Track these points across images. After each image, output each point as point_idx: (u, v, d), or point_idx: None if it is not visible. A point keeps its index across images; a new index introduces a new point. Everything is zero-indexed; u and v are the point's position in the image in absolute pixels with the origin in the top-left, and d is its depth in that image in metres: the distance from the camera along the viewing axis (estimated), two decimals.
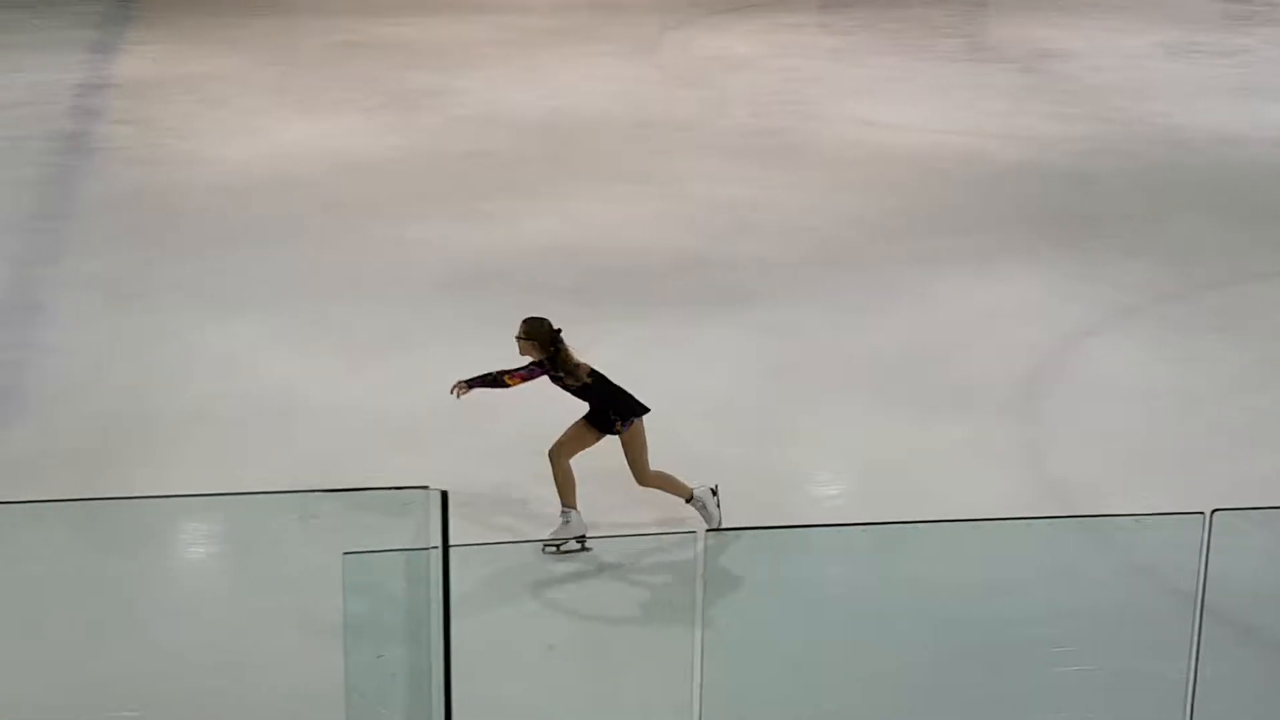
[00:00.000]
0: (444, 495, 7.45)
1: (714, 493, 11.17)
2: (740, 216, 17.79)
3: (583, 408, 10.93)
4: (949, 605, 9.83)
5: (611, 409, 10.85)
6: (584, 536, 10.84)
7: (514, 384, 10.78)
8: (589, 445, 10.94)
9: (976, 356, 14.23)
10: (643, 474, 10.94)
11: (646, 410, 10.92)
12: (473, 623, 8.11)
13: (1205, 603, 8.34)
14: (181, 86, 22.92)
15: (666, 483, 11.04)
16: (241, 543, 10.43)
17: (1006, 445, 12.70)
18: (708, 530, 10.74)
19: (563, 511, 10.84)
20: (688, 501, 11.06)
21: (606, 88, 23.24)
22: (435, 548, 7.65)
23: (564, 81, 23.61)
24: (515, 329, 10.84)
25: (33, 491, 11.24)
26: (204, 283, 15.58)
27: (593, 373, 10.89)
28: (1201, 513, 8.21)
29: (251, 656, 9.59)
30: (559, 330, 10.83)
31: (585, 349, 14.13)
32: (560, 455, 10.88)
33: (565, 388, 10.90)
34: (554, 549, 10.81)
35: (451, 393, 10.79)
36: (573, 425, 10.95)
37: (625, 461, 10.88)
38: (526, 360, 10.81)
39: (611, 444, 10.79)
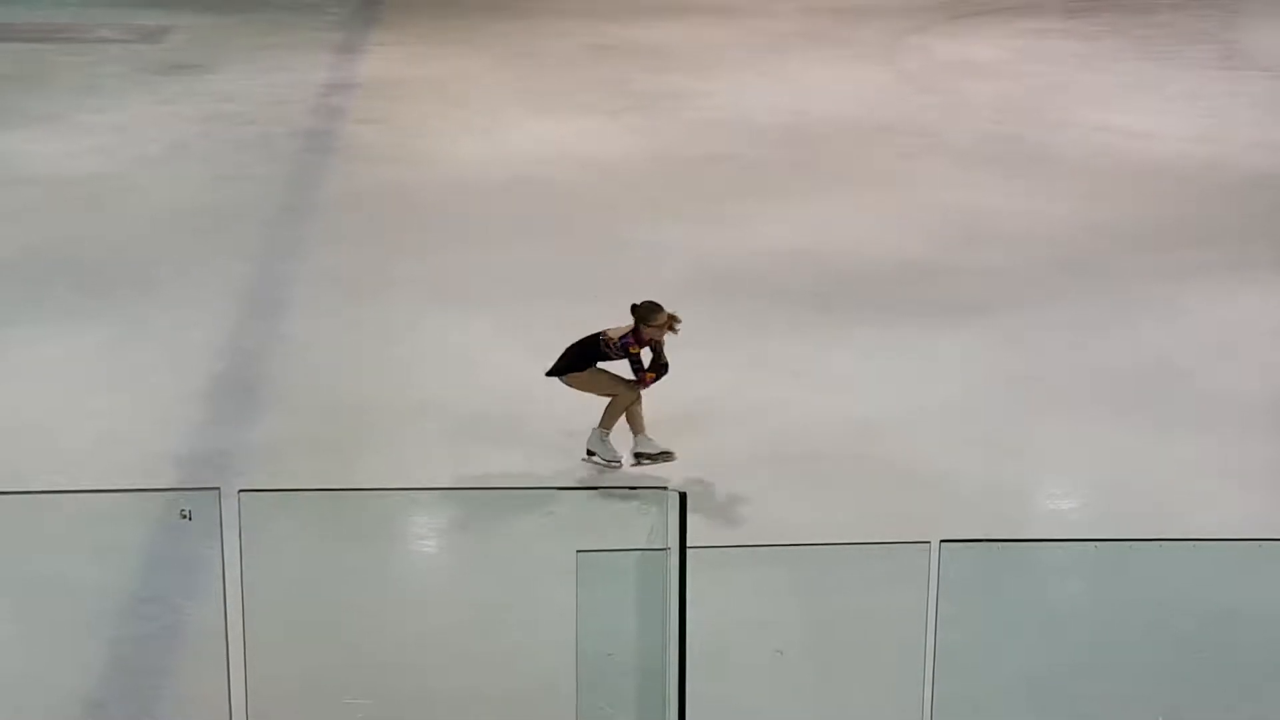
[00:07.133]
0: (682, 496, 7.44)
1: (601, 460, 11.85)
2: (980, 224, 17.54)
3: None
4: (1186, 627, 9.58)
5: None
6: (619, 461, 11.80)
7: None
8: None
9: (1222, 373, 13.86)
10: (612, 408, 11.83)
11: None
12: (701, 624, 8.10)
13: None
14: (422, 87, 23.21)
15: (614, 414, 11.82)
16: (475, 536, 10.52)
17: (1250, 465, 12.35)
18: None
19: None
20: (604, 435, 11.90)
21: (847, 92, 23.06)
22: (669, 549, 7.63)
23: (806, 85, 23.48)
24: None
25: (277, 479, 11.45)
26: (440, 280, 15.74)
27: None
28: None
29: (483, 651, 9.66)
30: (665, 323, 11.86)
31: (822, 353, 14.09)
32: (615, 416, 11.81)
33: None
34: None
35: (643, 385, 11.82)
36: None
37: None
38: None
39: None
